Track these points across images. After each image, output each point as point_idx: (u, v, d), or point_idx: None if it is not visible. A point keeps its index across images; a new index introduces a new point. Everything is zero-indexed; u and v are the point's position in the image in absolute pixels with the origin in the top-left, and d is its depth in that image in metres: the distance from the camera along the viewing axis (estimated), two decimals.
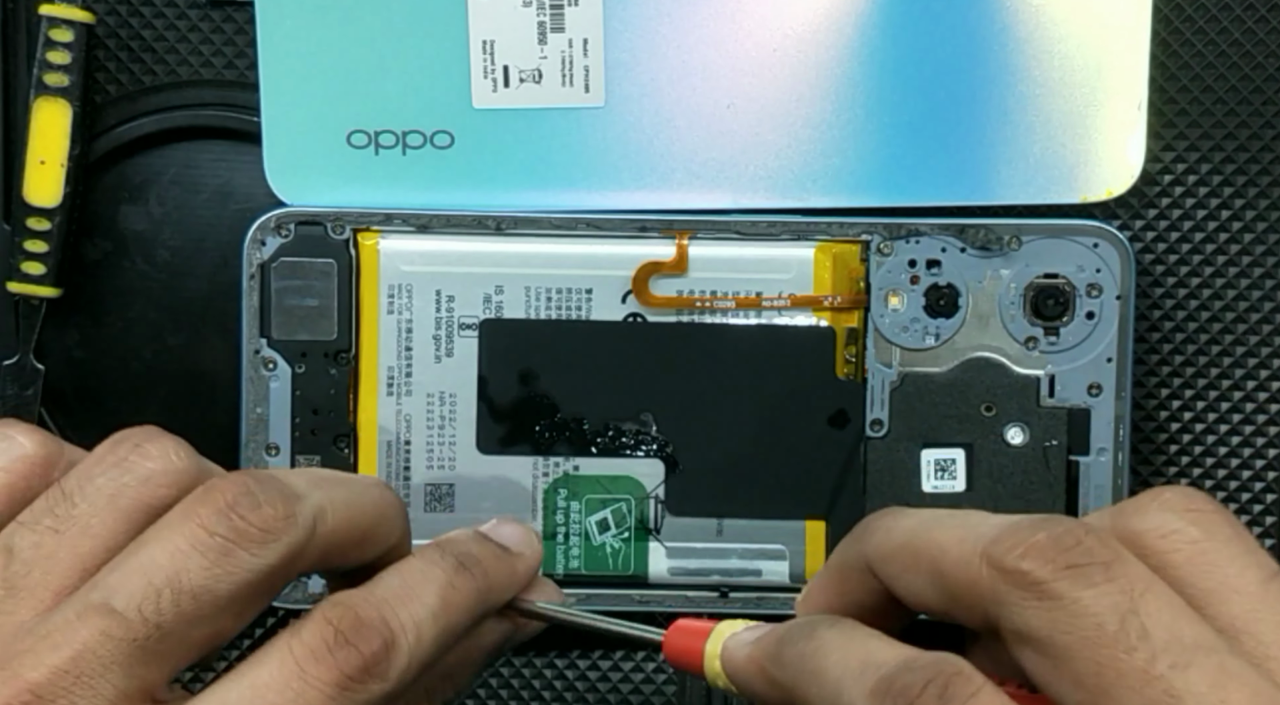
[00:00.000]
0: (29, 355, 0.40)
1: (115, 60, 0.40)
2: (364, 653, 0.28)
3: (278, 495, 0.28)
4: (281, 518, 0.28)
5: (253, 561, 0.28)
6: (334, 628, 0.28)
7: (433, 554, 0.31)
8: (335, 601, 0.29)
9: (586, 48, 0.38)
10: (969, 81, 0.38)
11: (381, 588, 0.29)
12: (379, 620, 0.29)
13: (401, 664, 0.28)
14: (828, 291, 0.38)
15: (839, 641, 0.27)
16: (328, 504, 0.29)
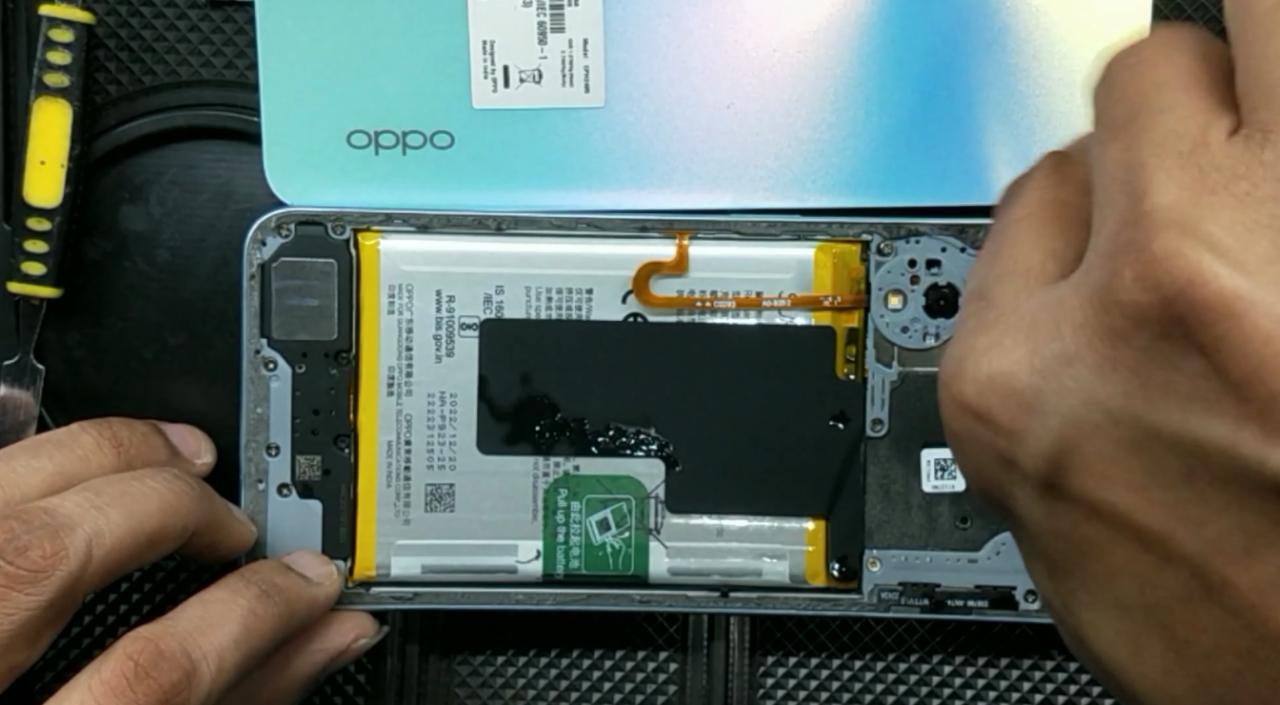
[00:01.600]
0: (29, 355, 0.40)
1: (115, 60, 0.40)
2: (164, 685, 0.30)
3: (45, 533, 0.30)
4: (50, 555, 0.30)
5: (29, 601, 0.30)
6: (134, 662, 0.30)
7: (236, 583, 0.34)
8: (136, 636, 0.31)
9: (586, 48, 0.38)
10: (969, 82, 0.38)
11: (183, 619, 0.32)
12: (179, 651, 0.31)
13: (203, 692, 0.31)
14: (828, 291, 0.38)
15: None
16: (104, 526, 0.31)
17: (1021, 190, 0.26)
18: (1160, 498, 0.21)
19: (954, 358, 0.24)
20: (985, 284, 0.25)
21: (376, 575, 0.39)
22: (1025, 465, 0.23)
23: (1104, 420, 0.21)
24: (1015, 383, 0.22)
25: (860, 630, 0.41)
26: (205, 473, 0.38)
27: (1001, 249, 0.25)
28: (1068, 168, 0.25)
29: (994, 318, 0.23)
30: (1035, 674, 0.41)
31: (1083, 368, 0.21)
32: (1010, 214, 0.25)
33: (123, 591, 0.41)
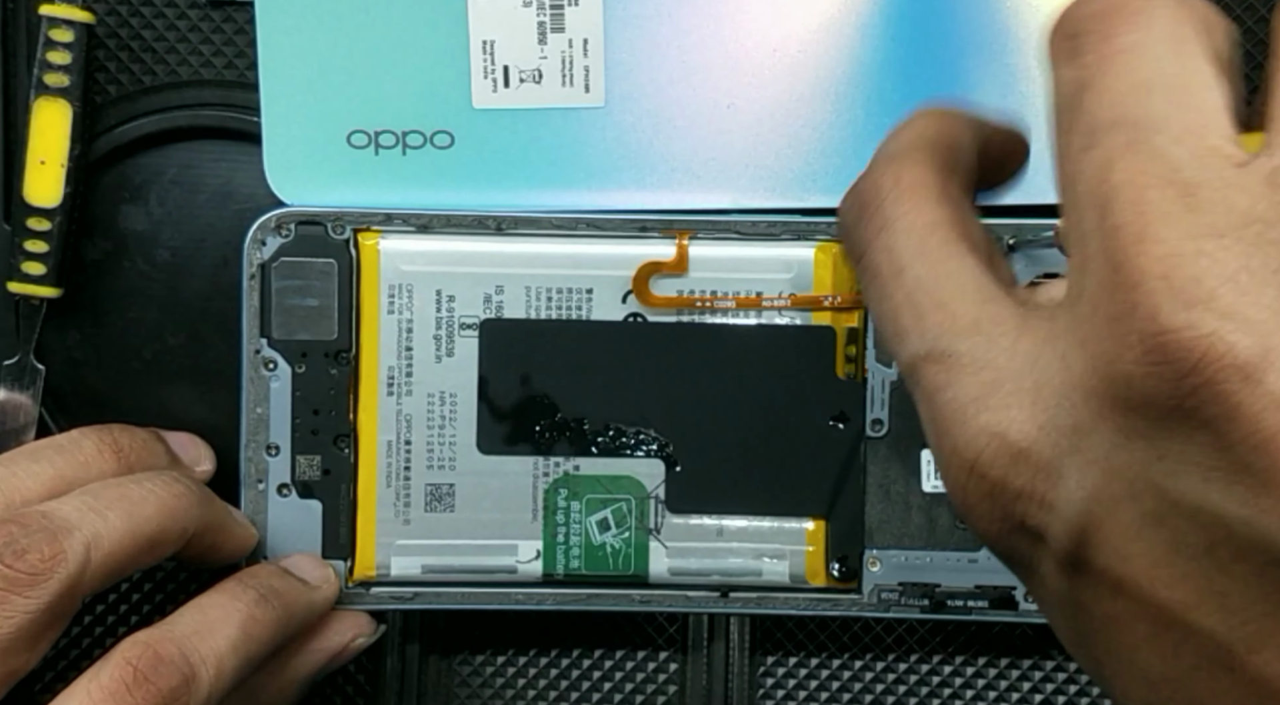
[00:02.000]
0: (29, 355, 0.40)
1: (115, 60, 0.40)
2: (162, 689, 0.30)
3: (43, 537, 0.30)
4: (49, 558, 0.30)
5: (28, 604, 0.30)
6: (133, 667, 0.30)
7: (234, 587, 0.34)
8: (135, 640, 0.31)
9: (586, 48, 0.38)
10: (969, 81, 0.38)
11: (181, 624, 0.32)
12: (178, 656, 0.31)
13: (201, 696, 0.31)
14: (828, 291, 0.38)
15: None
16: (103, 529, 0.31)
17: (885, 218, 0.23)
18: (1183, 571, 0.20)
19: (957, 431, 0.22)
20: (933, 347, 0.22)
21: (376, 575, 0.39)
22: (1051, 540, 0.22)
23: (1124, 492, 0.20)
24: (1037, 458, 0.21)
25: (860, 630, 0.41)
26: (204, 480, 0.38)
27: (919, 303, 0.22)
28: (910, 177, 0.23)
29: (981, 384, 0.22)
30: (1035, 674, 0.41)
31: (1099, 438, 0.20)
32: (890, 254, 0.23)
33: (122, 592, 0.41)
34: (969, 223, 0.23)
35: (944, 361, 0.22)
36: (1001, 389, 0.21)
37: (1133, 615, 0.21)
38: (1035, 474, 0.21)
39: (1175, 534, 0.20)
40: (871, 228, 0.23)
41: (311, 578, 0.37)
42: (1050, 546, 0.22)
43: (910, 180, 0.23)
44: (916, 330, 0.23)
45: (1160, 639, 0.21)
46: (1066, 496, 0.21)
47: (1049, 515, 0.21)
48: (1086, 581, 0.21)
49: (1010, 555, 0.23)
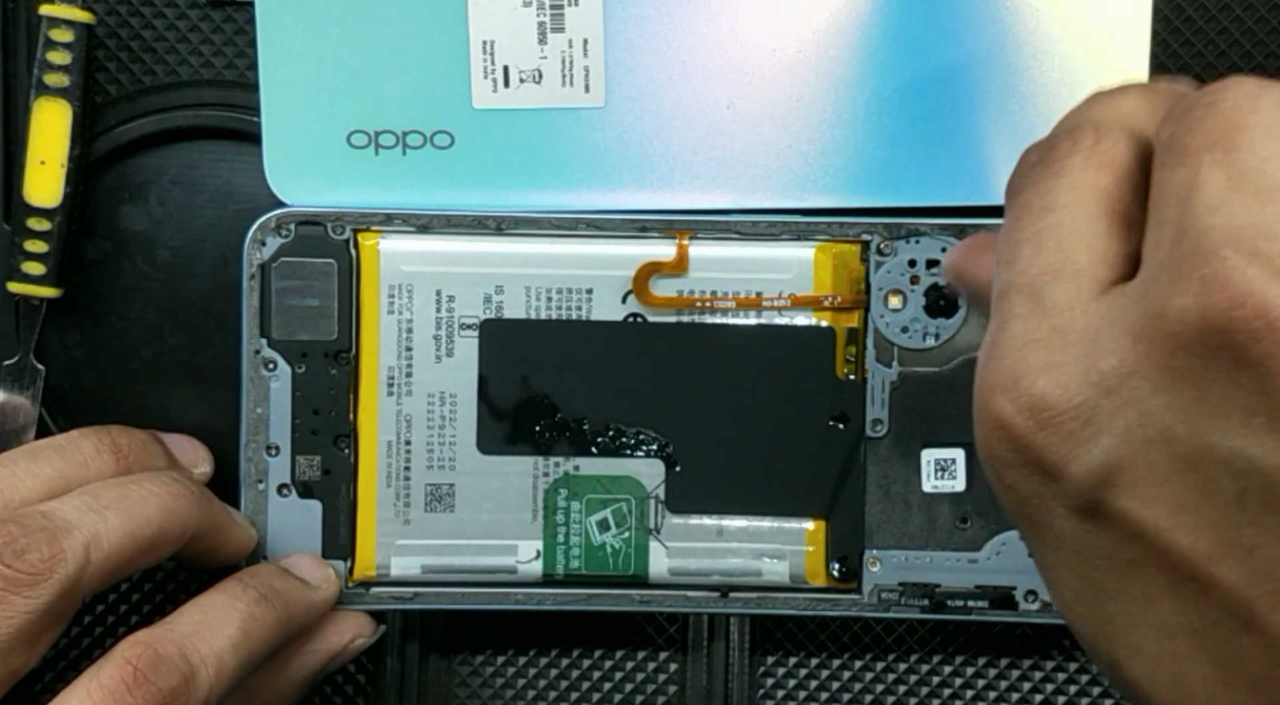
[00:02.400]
0: (29, 355, 0.40)
1: (115, 60, 0.40)
2: (162, 689, 0.30)
3: (43, 537, 0.30)
4: (48, 558, 0.30)
5: (28, 604, 0.30)
6: (133, 667, 0.30)
7: (234, 588, 0.34)
8: (135, 640, 0.31)
9: (586, 48, 0.38)
10: (969, 81, 0.38)
11: (181, 623, 0.32)
12: (178, 656, 0.31)
13: (201, 696, 0.31)
14: (828, 291, 0.38)
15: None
16: (102, 530, 0.31)
17: (1058, 167, 0.24)
18: (1209, 519, 0.20)
19: (1004, 367, 0.23)
20: (1033, 282, 0.23)
21: (376, 575, 0.39)
22: (1070, 481, 0.22)
23: (1158, 435, 0.21)
24: (1071, 399, 0.22)
25: (860, 630, 0.41)
26: (203, 482, 0.38)
27: (1046, 240, 0.24)
28: (1107, 148, 0.24)
29: (1049, 329, 0.23)
30: (1035, 674, 0.41)
31: (1140, 381, 0.21)
32: (1050, 195, 0.24)
33: (122, 592, 0.41)
34: (1133, 202, 0.24)
35: (1034, 297, 0.23)
36: (1065, 336, 0.22)
37: (1154, 562, 0.21)
38: (1064, 412, 0.22)
39: (1206, 479, 0.20)
40: (1047, 172, 0.24)
41: (312, 578, 0.37)
42: (1069, 486, 0.22)
43: (1105, 149, 0.24)
44: (1027, 261, 0.24)
45: (1181, 588, 0.21)
46: (1096, 437, 0.21)
47: (1075, 454, 0.22)
48: (1105, 525, 0.22)
49: (1020, 494, 0.23)
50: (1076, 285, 0.23)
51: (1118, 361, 0.21)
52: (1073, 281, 0.23)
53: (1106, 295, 0.23)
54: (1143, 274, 0.22)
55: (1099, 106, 0.25)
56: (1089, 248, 0.23)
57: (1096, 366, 0.22)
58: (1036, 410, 0.22)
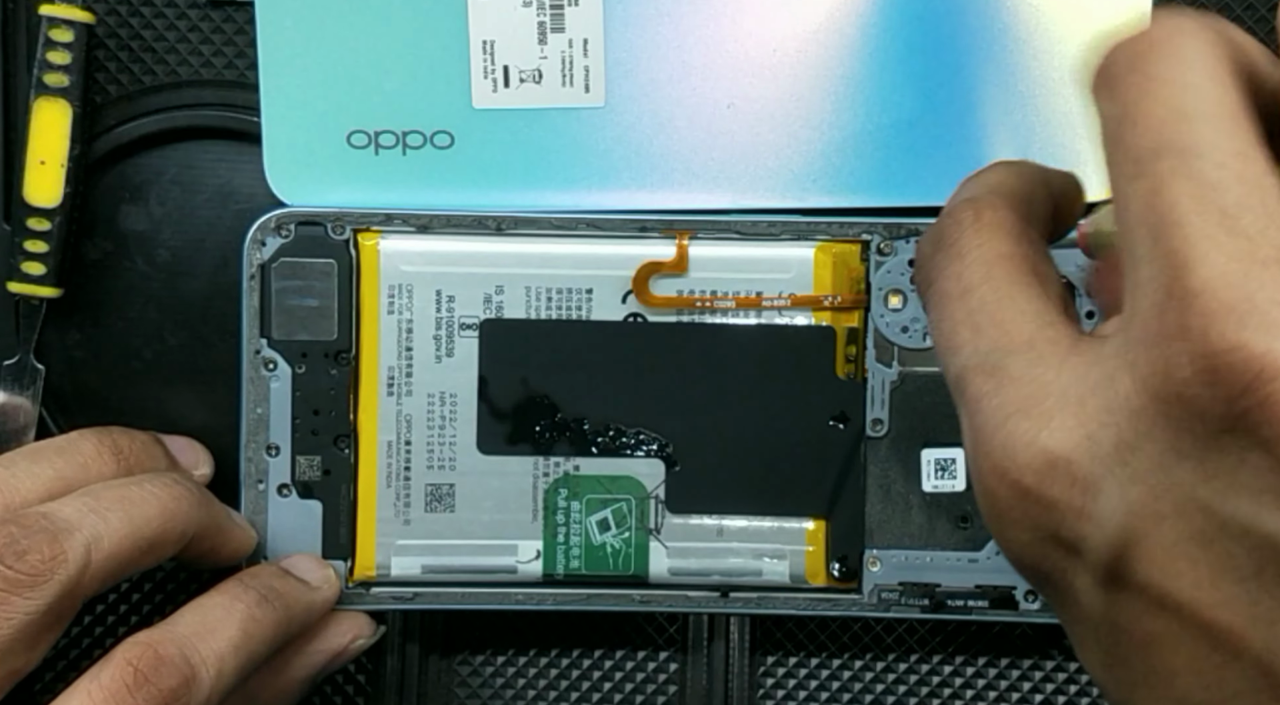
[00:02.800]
0: (29, 355, 0.40)
1: (115, 60, 0.40)
2: (163, 690, 0.30)
3: (43, 537, 0.30)
4: (49, 559, 0.30)
5: (28, 605, 0.30)
6: (134, 668, 0.30)
7: (235, 588, 0.34)
8: (135, 641, 0.31)
9: (586, 48, 0.38)
10: (969, 81, 0.38)
11: (182, 624, 0.32)
12: (179, 657, 0.31)
13: (202, 697, 0.31)
14: (828, 291, 0.38)
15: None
16: (103, 530, 0.31)
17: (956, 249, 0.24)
18: (1229, 593, 0.20)
19: (995, 448, 0.22)
20: (985, 361, 0.23)
21: (376, 575, 0.39)
22: (1088, 553, 0.21)
23: (1171, 510, 0.20)
24: (1076, 469, 0.21)
25: (860, 630, 0.41)
26: (203, 484, 0.38)
27: (980, 321, 0.23)
28: (989, 217, 0.24)
29: (1027, 395, 0.22)
30: (1035, 674, 0.41)
31: (1145, 457, 0.20)
32: (963, 277, 0.24)
33: (122, 592, 0.41)
34: (1039, 259, 0.24)
35: (994, 373, 0.23)
36: (1045, 401, 0.22)
37: (1175, 636, 0.21)
38: (1073, 485, 0.21)
39: (1223, 555, 0.20)
40: (947, 257, 0.24)
41: (312, 578, 0.37)
42: (1088, 558, 0.22)
43: (989, 218, 0.24)
44: (971, 343, 0.23)
45: (1203, 663, 0.20)
46: (1107, 511, 0.21)
47: (1088, 526, 0.21)
48: (1126, 597, 0.21)
49: (1041, 569, 0.23)
50: (1033, 353, 0.22)
51: (1117, 435, 0.21)
52: (1028, 351, 0.22)
53: (1074, 354, 0.22)
54: (1128, 332, 0.21)
55: (978, 180, 0.25)
56: (1025, 315, 0.23)
57: (1095, 438, 0.21)
58: (1044, 483, 0.21)
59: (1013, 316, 0.23)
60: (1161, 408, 0.20)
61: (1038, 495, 0.22)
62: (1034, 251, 0.24)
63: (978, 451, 0.23)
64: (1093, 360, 0.22)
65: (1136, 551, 0.21)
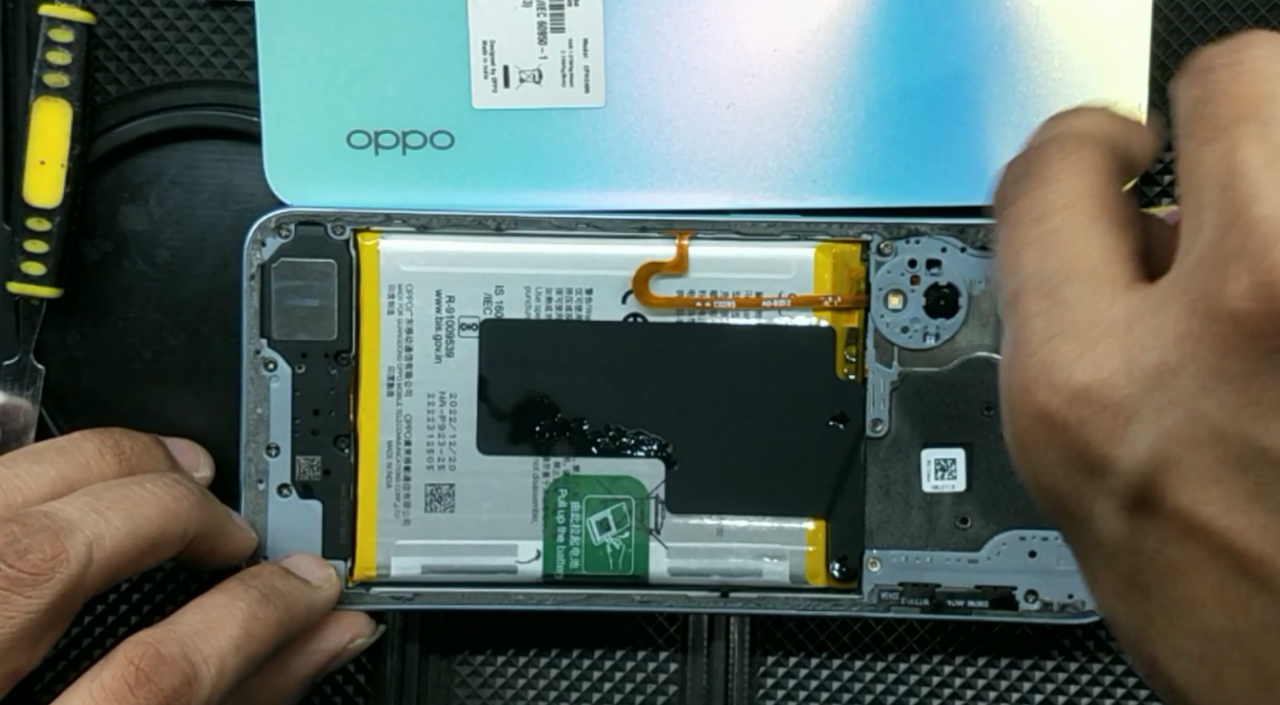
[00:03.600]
0: (29, 355, 0.40)
1: (115, 60, 0.40)
2: (164, 689, 0.30)
3: (45, 536, 0.30)
4: (50, 558, 0.30)
5: (30, 603, 0.30)
6: (135, 667, 0.30)
7: (236, 588, 0.34)
8: (136, 640, 0.31)
9: (586, 48, 0.38)
10: (969, 81, 0.38)
11: (183, 623, 0.32)
12: (180, 656, 0.31)
13: (203, 696, 0.31)
14: (828, 291, 0.38)
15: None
16: (104, 530, 0.31)
17: (1046, 175, 0.24)
18: (1263, 521, 0.20)
19: (1033, 363, 0.22)
20: (1046, 282, 0.23)
21: (376, 575, 0.39)
22: (1116, 478, 0.21)
23: (1208, 436, 0.20)
24: (1113, 392, 0.21)
25: (860, 630, 0.41)
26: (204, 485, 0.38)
27: (1050, 243, 0.23)
28: (1088, 155, 0.24)
29: (1075, 322, 0.22)
30: (1035, 674, 0.41)
31: (1187, 380, 0.20)
32: (1045, 202, 0.24)
33: (122, 592, 0.41)
34: (1120, 201, 0.24)
35: (1050, 294, 0.23)
36: (1094, 328, 0.22)
37: (1202, 564, 0.21)
38: (1107, 407, 0.21)
39: (1259, 483, 0.20)
40: (1033, 182, 0.24)
41: (313, 578, 0.37)
42: (1114, 482, 0.22)
43: (1081, 157, 0.24)
44: (1035, 263, 0.23)
45: (1230, 592, 0.20)
46: (1140, 434, 0.21)
47: (1118, 452, 0.21)
48: (1152, 523, 0.21)
49: (1060, 494, 0.23)
50: (1093, 281, 0.23)
51: (1160, 358, 0.21)
52: (1089, 278, 0.23)
53: (1132, 289, 0.22)
54: (1183, 265, 0.21)
55: (1070, 121, 0.26)
56: (1096, 246, 0.23)
57: (1137, 362, 0.21)
58: (1077, 402, 0.22)
59: (1083, 245, 0.23)
60: (1211, 327, 0.20)
61: (1068, 418, 0.22)
62: (1118, 195, 0.24)
63: (1016, 365, 0.23)
64: (1144, 295, 0.22)
65: (1167, 477, 0.21)
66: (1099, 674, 0.41)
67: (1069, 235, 0.23)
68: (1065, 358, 0.22)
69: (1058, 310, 0.23)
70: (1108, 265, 0.23)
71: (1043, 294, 0.23)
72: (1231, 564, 0.20)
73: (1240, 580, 0.20)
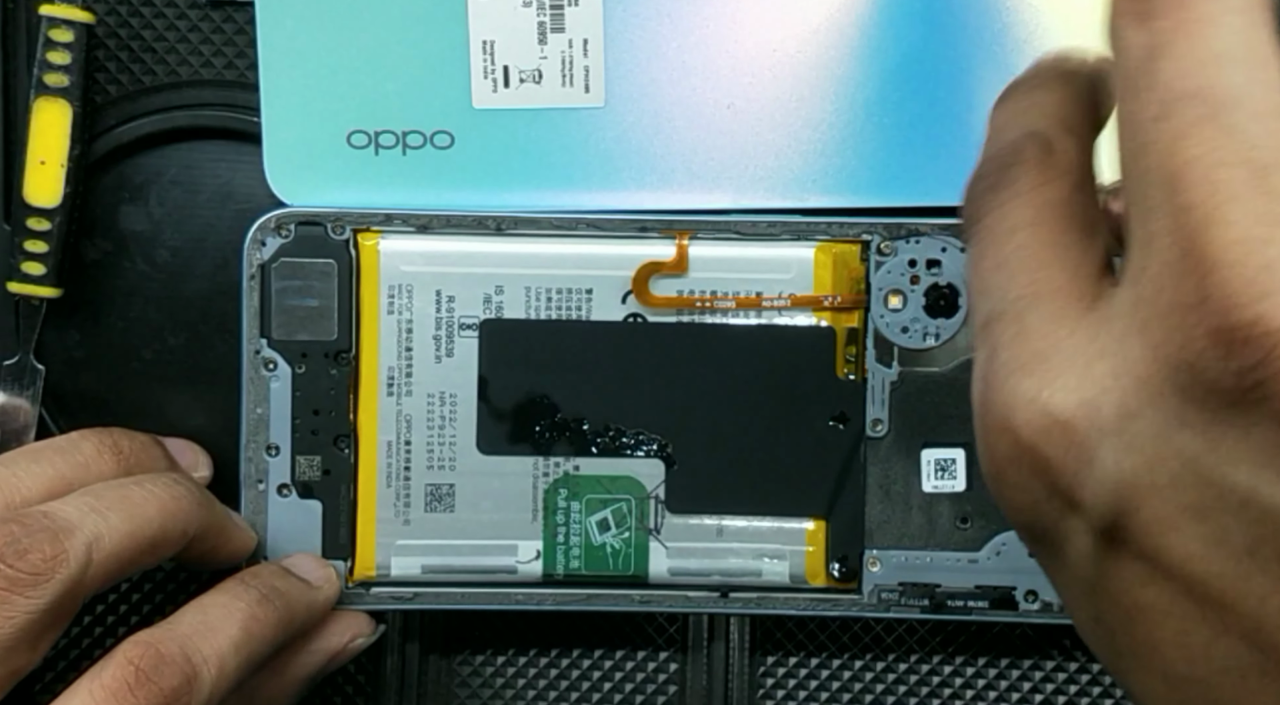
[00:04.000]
0: (29, 355, 0.40)
1: (115, 60, 0.40)
2: (165, 689, 0.30)
3: (45, 537, 0.30)
4: (50, 558, 0.30)
5: (30, 604, 0.29)
6: (135, 667, 0.30)
7: (235, 587, 0.34)
8: (136, 640, 0.31)
9: (586, 48, 0.38)
10: (969, 81, 0.38)
11: (183, 623, 0.32)
12: (180, 656, 0.31)
13: (203, 696, 0.31)
14: (828, 291, 0.38)
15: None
16: (104, 529, 0.31)
17: (1013, 187, 0.23)
18: (1223, 566, 0.19)
19: (1000, 398, 0.22)
20: (1012, 306, 0.22)
21: (376, 575, 0.39)
22: (1083, 517, 0.21)
23: (1167, 482, 0.20)
24: (1073, 434, 0.21)
25: (860, 630, 0.41)
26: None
27: (1012, 264, 0.22)
28: (1056, 157, 0.23)
29: (1036, 351, 0.21)
30: (1035, 674, 0.41)
31: (1145, 426, 0.20)
32: (1011, 216, 0.23)
33: (122, 592, 0.41)
34: (1092, 205, 0.23)
35: (1014, 323, 0.22)
36: (1053, 360, 0.21)
37: (1164, 608, 0.20)
38: (1069, 448, 0.21)
39: (1218, 528, 0.19)
40: (1002, 195, 0.23)
41: (313, 578, 0.37)
42: (1082, 521, 0.21)
43: (1054, 160, 0.23)
44: (1000, 289, 0.23)
45: (1191, 636, 0.20)
46: (1101, 477, 0.20)
47: (1082, 494, 0.21)
48: (1118, 564, 0.21)
49: (1036, 528, 0.22)
50: (1057, 305, 0.22)
51: (1119, 400, 0.20)
52: (1052, 302, 0.22)
53: (1093, 312, 0.21)
54: (1138, 289, 0.20)
55: (1028, 111, 0.24)
56: (1062, 265, 0.22)
57: (1095, 402, 0.20)
58: (1041, 438, 0.21)
59: (1049, 264, 0.22)
60: (1170, 376, 0.19)
61: (1035, 453, 0.21)
62: (1089, 197, 0.23)
63: (984, 402, 0.22)
64: (1105, 317, 0.21)
65: (1129, 521, 0.20)
66: (1099, 674, 0.41)
67: (1033, 254, 0.22)
68: (1028, 392, 0.21)
69: (1022, 340, 0.22)
70: (1074, 283, 0.22)
71: (1009, 320, 0.22)
72: (1193, 608, 0.20)
73: (1200, 625, 0.20)
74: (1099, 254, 0.22)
